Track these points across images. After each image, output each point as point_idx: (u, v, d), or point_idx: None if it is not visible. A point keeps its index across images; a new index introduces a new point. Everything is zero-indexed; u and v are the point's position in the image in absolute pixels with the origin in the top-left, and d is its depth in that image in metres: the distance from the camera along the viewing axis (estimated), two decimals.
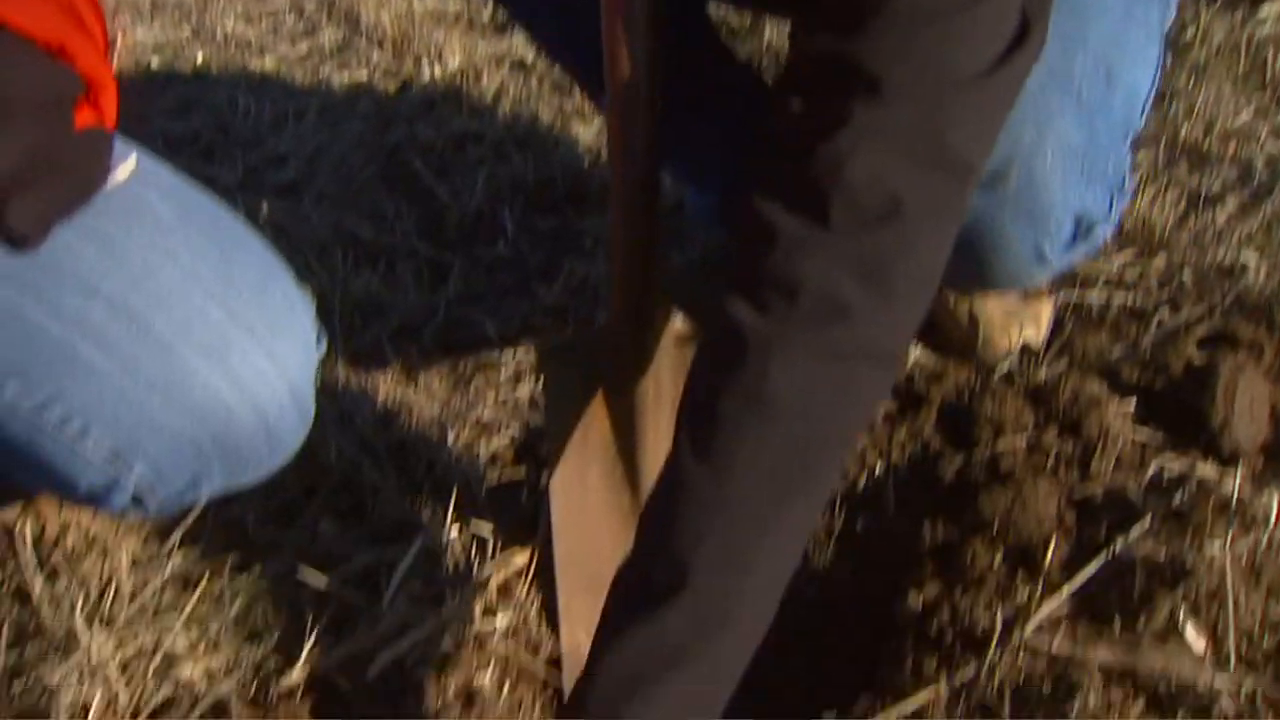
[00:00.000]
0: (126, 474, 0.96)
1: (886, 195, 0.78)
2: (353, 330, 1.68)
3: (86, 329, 0.92)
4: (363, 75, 2.59)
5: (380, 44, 2.68)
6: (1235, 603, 1.05)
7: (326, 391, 1.43)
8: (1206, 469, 1.22)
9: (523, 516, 1.34)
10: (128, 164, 0.98)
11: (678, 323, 1.15)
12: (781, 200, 0.81)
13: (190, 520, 1.32)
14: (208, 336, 0.95)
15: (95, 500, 0.99)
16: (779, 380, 0.80)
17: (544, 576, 1.24)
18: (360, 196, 2.07)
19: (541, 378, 1.18)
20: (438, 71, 2.50)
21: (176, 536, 1.29)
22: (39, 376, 0.92)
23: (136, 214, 0.96)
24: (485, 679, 1.20)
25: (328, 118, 2.40)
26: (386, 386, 1.55)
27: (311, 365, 1.04)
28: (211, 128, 2.37)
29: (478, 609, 1.23)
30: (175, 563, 1.26)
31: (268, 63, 2.71)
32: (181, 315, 0.94)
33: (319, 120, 2.39)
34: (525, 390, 1.56)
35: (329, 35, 2.82)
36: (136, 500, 0.99)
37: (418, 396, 1.55)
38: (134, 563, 1.24)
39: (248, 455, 1.00)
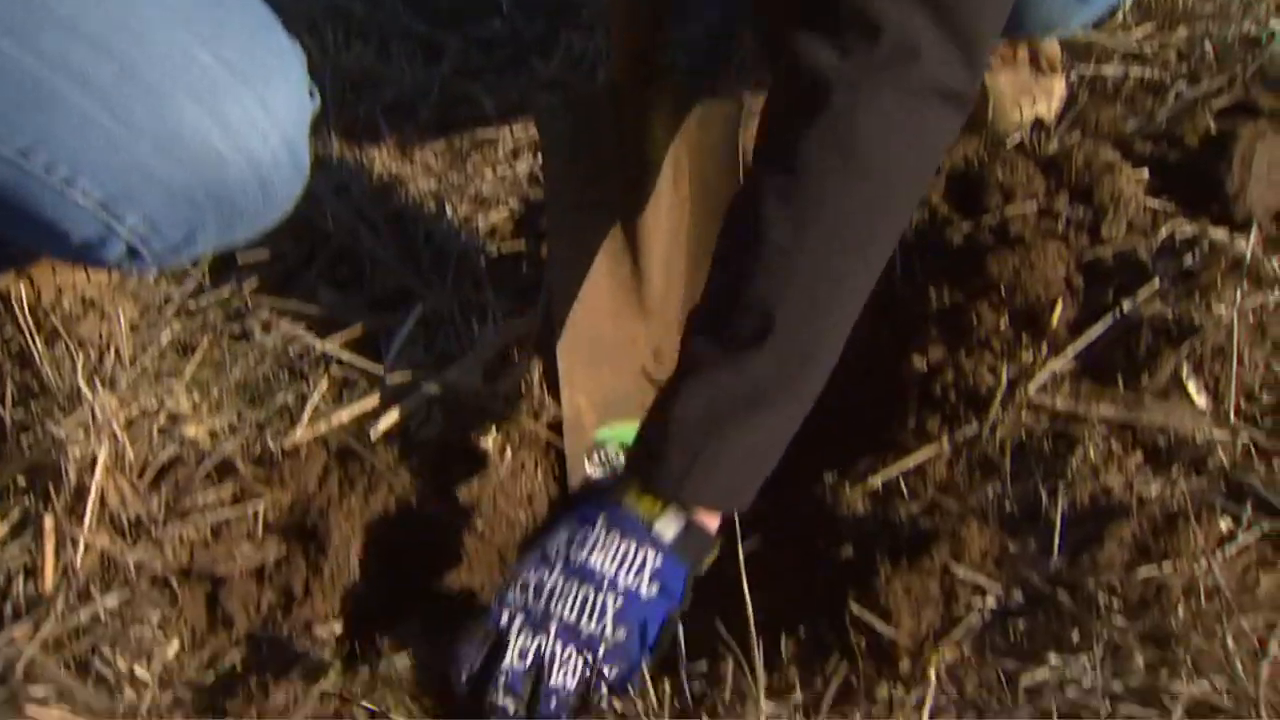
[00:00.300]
0: (119, 224, 0.93)
1: None
2: (345, 104, 1.63)
3: (69, 69, 0.87)
4: None
5: None
6: (1239, 360, 1.04)
7: (321, 163, 1.39)
8: (1219, 233, 1.19)
9: (523, 287, 1.33)
10: None
11: (676, 81, 1.11)
12: None
13: (187, 288, 1.31)
14: (197, 81, 0.91)
15: (89, 254, 0.97)
16: (864, 125, 0.82)
17: (544, 344, 1.23)
18: None
19: (541, 142, 1.15)
20: None
21: (174, 303, 1.28)
22: (20, 119, 0.88)
23: None
24: (488, 442, 1.21)
25: None
26: (382, 160, 1.52)
27: (305, 118, 1.00)
28: None
29: (479, 375, 1.23)
30: (174, 328, 1.26)
31: None
32: (169, 58, 0.90)
33: None
34: (524, 165, 1.53)
35: None
36: (132, 253, 0.97)
37: (414, 170, 1.51)
38: (133, 327, 1.23)
39: (242, 206, 0.97)
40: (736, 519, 0.93)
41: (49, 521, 1.00)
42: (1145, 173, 1.30)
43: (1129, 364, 1.07)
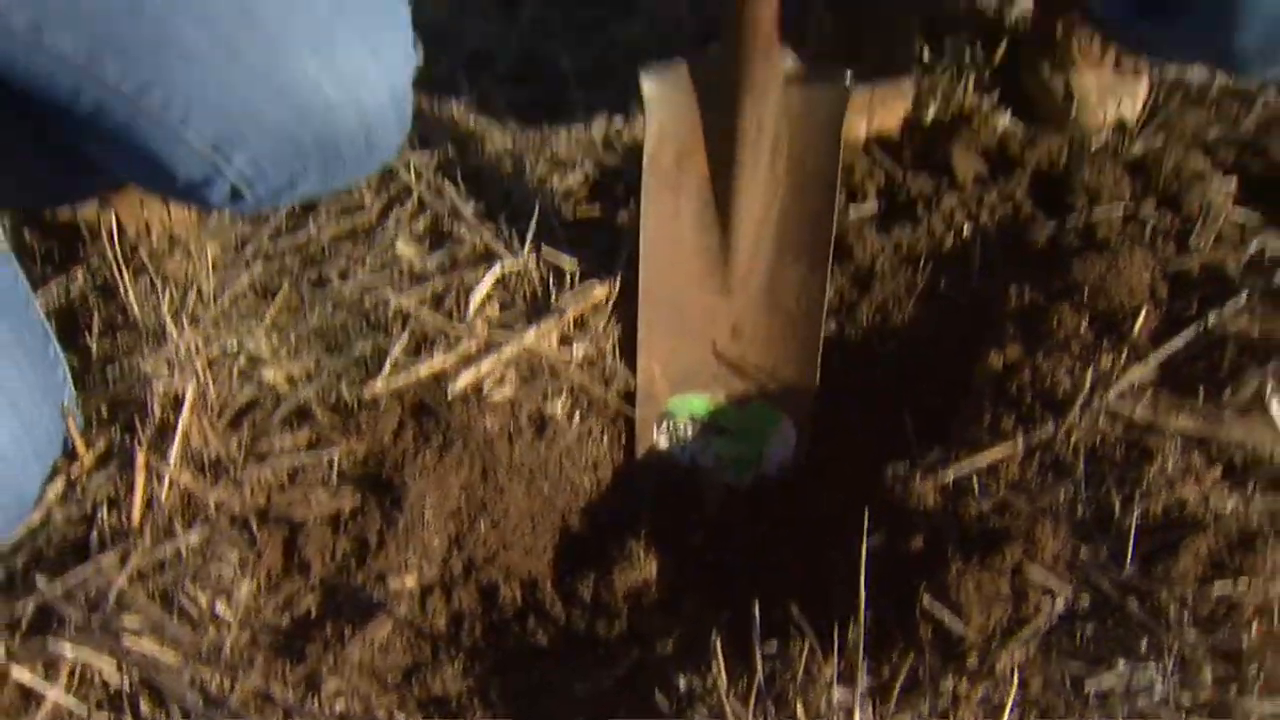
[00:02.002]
0: (226, 166, 0.95)
1: None
2: (426, 56, 1.62)
3: (191, 10, 0.89)
4: None
5: None
6: None
7: None
8: None
9: (600, 251, 1.33)
10: None
11: (789, 62, 1.11)
12: None
13: (266, 231, 1.32)
14: (314, 28, 0.92)
15: (191, 192, 0.98)
16: None
17: (624, 309, 1.24)
18: None
19: (645, 100, 1.15)
20: None
21: (255, 245, 1.29)
22: (140, 57, 0.89)
23: None
24: (557, 407, 1.22)
25: None
26: (460, 115, 1.52)
27: (411, 69, 1.02)
28: None
29: (554, 338, 1.23)
30: (255, 270, 1.27)
31: None
32: (288, 4, 0.91)
33: None
34: (599, 129, 1.53)
35: None
36: (234, 194, 0.98)
37: (492, 128, 1.51)
38: (214, 267, 1.24)
39: (346, 156, 0.99)
40: None
41: (141, 457, 1.01)
42: (1234, 183, 1.30)
43: (1211, 378, 1.08)
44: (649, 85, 1.15)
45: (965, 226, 1.28)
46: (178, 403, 1.08)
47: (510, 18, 1.73)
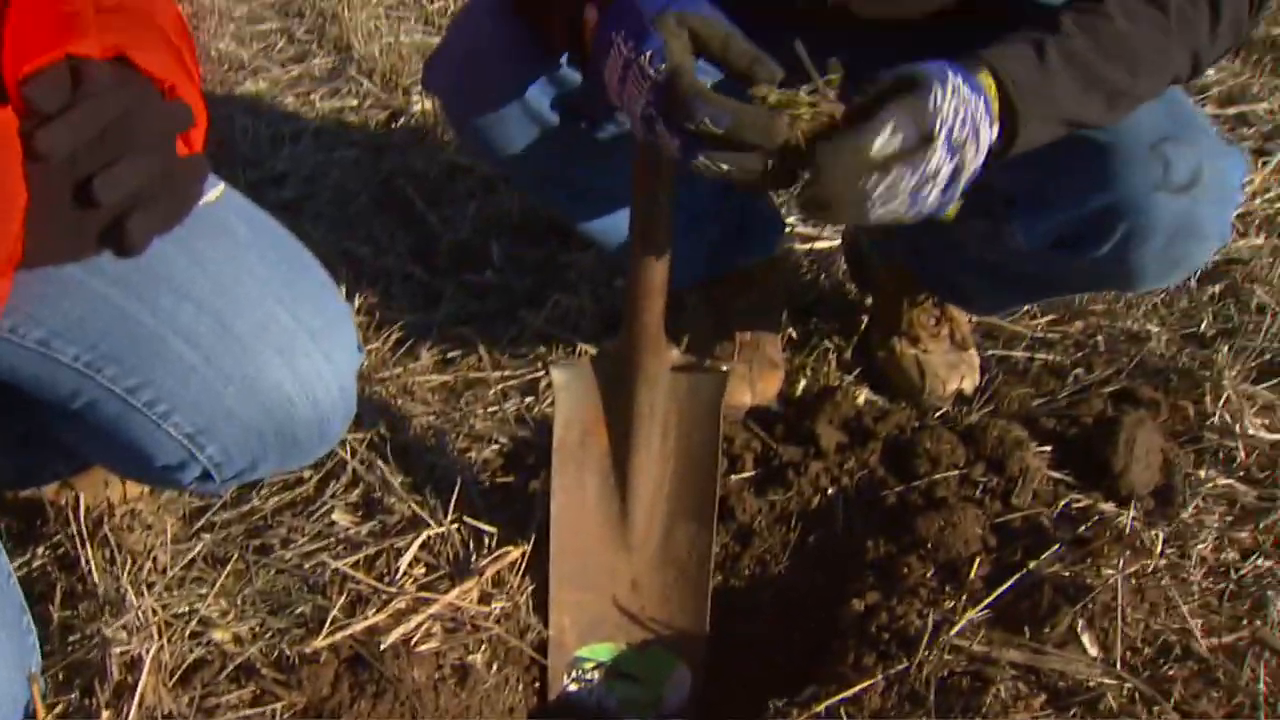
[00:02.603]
0: (200, 453, 1.12)
1: None
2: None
3: (178, 326, 1.08)
4: (353, 103, 2.75)
5: (370, 74, 2.84)
6: (1124, 617, 1.25)
7: None
8: (1107, 506, 1.43)
9: (515, 516, 1.51)
10: (217, 189, 1.14)
11: (675, 354, 1.34)
12: None
13: (218, 504, 1.48)
14: (279, 338, 1.11)
15: (167, 475, 1.15)
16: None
17: (537, 568, 1.41)
18: (357, 219, 2.23)
19: (554, 389, 1.36)
20: (426, 104, 2.66)
21: (206, 518, 1.44)
22: (135, 362, 1.07)
23: (220, 231, 1.13)
24: (478, 658, 1.37)
25: (323, 142, 2.56)
26: (389, 396, 1.72)
27: (355, 368, 1.21)
28: (213, 144, 2.49)
29: (474, 595, 1.39)
30: (206, 541, 1.41)
31: (260, 84, 2.86)
32: (258, 318, 1.11)
33: (314, 143, 2.55)
34: (512, 406, 1.73)
35: (319, 62, 2.97)
36: (204, 476, 1.14)
37: (418, 407, 1.71)
38: (170, 539, 1.39)
39: (302, 442, 1.16)
40: None
41: (106, 715, 1.13)
42: (1049, 448, 1.55)
43: (1034, 616, 1.28)
44: (557, 377, 1.37)
45: (829, 489, 1.49)
46: (134, 665, 1.20)
47: (431, 307, 1.96)
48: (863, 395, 1.74)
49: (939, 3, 1.38)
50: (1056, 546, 1.35)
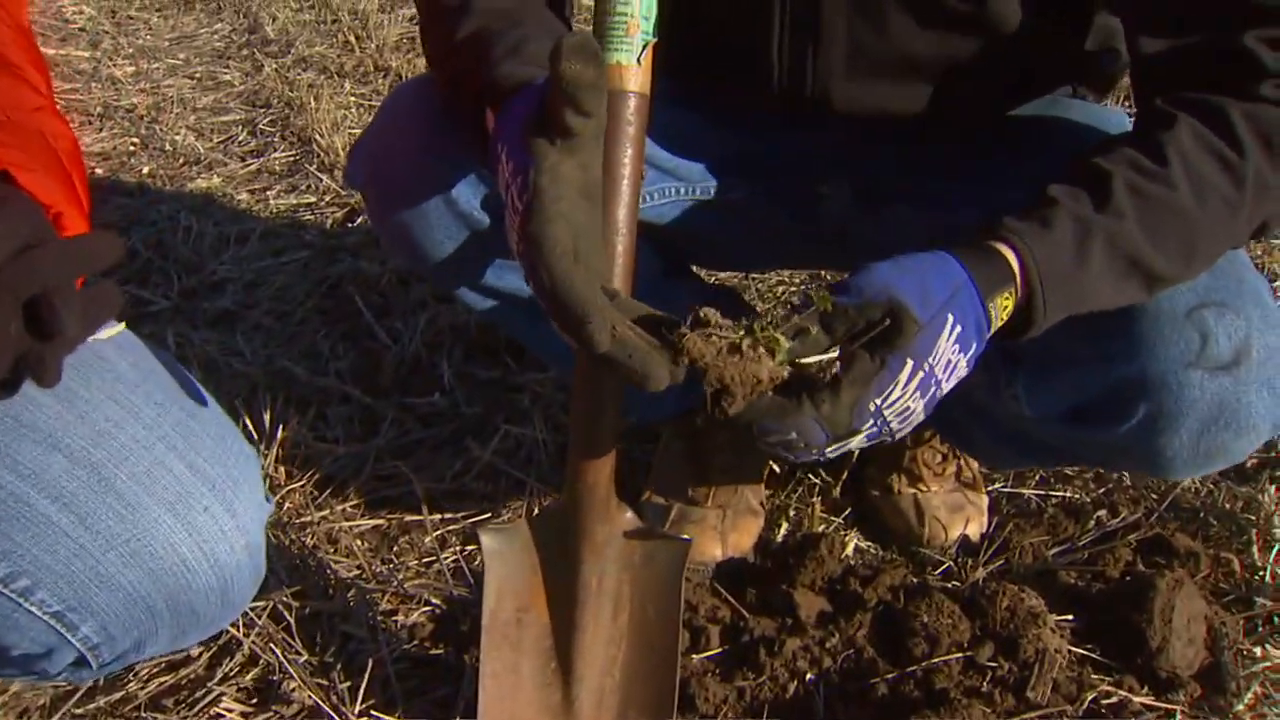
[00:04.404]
0: (71, 634, 0.91)
1: None
2: (276, 485, 1.61)
3: (44, 482, 0.89)
4: (310, 199, 2.56)
5: (330, 169, 2.66)
6: None
7: None
8: (1144, 699, 1.19)
9: (437, 701, 1.27)
10: (115, 328, 0.98)
11: (628, 516, 1.11)
12: None
13: (82, 692, 1.25)
14: (171, 490, 0.92)
15: (29, 665, 0.95)
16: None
17: None
18: (297, 333, 2.03)
19: (484, 555, 1.14)
20: None
21: (64, 711, 1.21)
22: None
23: (95, 368, 0.94)
24: None
25: (271, 243, 2.37)
26: (305, 548, 1.49)
27: (264, 521, 1.01)
28: (150, 247, 2.32)
29: None
30: None
31: (214, 180, 2.68)
32: (145, 469, 0.92)
33: (261, 245, 2.36)
34: (450, 556, 1.51)
35: (280, 155, 2.80)
36: (78, 663, 0.94)
37: (338, 559, 1.48)
38: None
39: (201, 614, 0.96)
40: None
41: None
42: (1069, 618, 1.31)
43: None
44: (488, 542, 1.14)
45: (808, 674, 1.25)
46: None
47: (369, 435, 1.74)
48: (852, 543, 1.51)
49: (923, 103, 1.18)
50: None
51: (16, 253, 0.73)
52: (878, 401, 0.88)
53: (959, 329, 0.90)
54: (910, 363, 0.88)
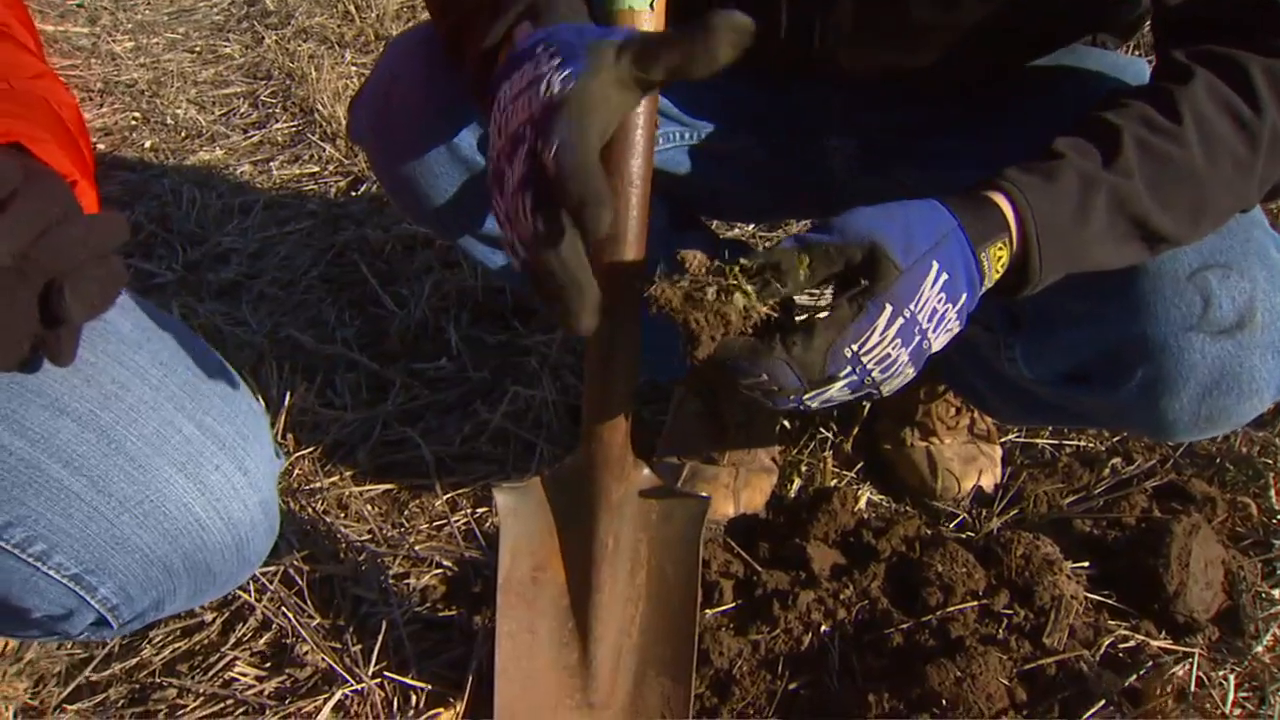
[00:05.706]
0: (91, 596, 0.91)
1: None
2: (286, 452, 1.61)
3: (54, 447, 0.88)
4: (313, 169, 2.55)
5: (333, 139, 2.64)
6: None
7: None
8: (1161, 642, 1.18)
9: (451, 664, 1.27)
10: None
11: (644, 474, 1.10)
12: None
13: (99, 658, 1.25)
14: (181, 450, 0.92)
15: (51, 627, 0.95)
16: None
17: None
18: (303, 301, 2.02)
19: (499, 514, 1.12)
20: None
21: (81, 678, 1.21)
22: (1, 497, 0.86)
23: (98, 331, 0.94)
24: None
25: (275, 213, 2.35)
26: (315, 513, 1.49)
27: (275, 477, 1.02)
28: (154, 220, 2.31)
29: None
30: (71, 714, 1.18)
31: (217, 152, 2.67)
32: (154, 430, 0.91)
33: (266, 215, 2.35)
34: (460, 519, 1.50)
35: (282, 126, 2.78)
36: (98, 623, 0.94)
37: (348, 524, 1.48)
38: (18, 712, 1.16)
39: (218, 571, 0.97)
40: None
41: None
42: (1085, 564, 1.30)
43: None
44: (503, 500, 1.13)
45: (823, 625, 1.24)
46: None
47: (377, 400, 1.73)
48: (864, 497, 1.50)
49: (934, 64, 1.15)
50: (1102, 704, 1.09)
51: (39, 234, 0.72)
52: (854, 347, 0.85)
53: (945, 276, 0.87)
54: (889, 308, 0.85)
